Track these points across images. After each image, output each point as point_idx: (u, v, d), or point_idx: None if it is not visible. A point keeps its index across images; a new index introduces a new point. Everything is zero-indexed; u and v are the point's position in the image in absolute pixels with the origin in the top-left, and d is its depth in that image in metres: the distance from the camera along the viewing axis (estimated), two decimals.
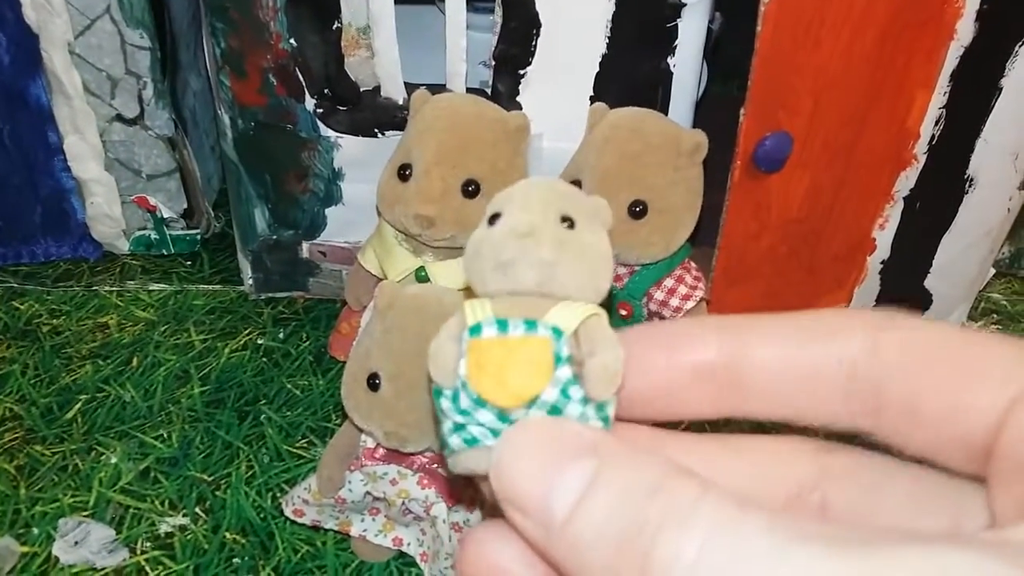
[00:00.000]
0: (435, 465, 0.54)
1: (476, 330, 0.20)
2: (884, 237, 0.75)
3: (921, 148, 0.70)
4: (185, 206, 0.86)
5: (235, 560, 0.60)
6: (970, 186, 0.71)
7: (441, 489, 0.54)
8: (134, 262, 0.87)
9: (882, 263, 0.76)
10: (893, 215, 0.73)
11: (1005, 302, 0.83)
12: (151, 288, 0.84)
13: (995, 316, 0.81)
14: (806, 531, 0.14)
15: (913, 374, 0.16)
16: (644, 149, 0.58)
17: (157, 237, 0.86)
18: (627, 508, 0.15)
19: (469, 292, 0.22)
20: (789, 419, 0.19)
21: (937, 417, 0.16)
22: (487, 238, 0.21)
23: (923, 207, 0.73)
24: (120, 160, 0.81)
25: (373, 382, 0.50)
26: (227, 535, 0.61)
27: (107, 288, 0.83)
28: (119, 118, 0.79)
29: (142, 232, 0.86)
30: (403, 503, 0.54)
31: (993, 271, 0.80)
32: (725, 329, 0.19)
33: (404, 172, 0.60)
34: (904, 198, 0.72)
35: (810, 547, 0.13)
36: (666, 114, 0.66)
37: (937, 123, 0.68)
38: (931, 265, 0.76)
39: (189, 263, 0.87)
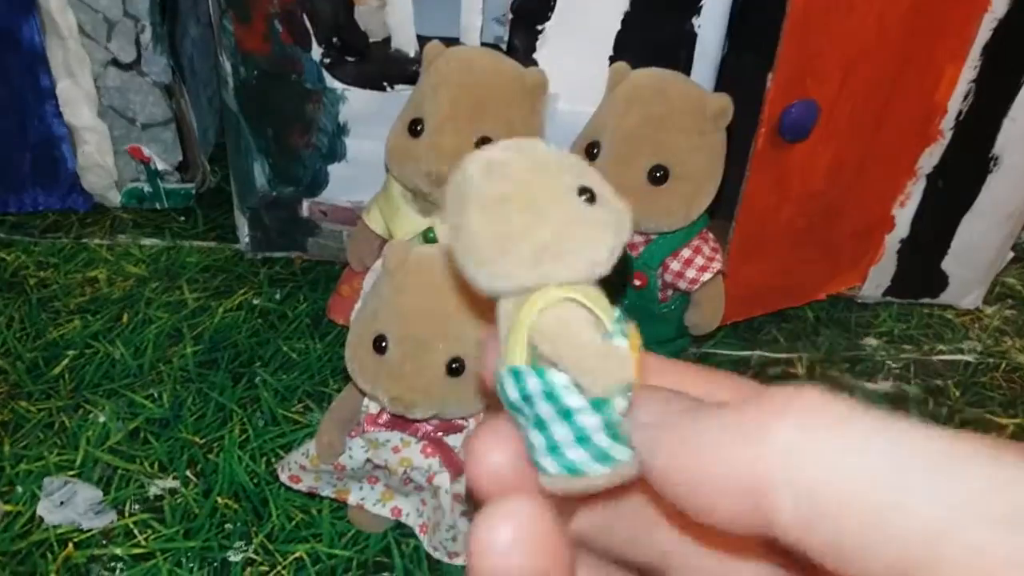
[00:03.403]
0: (440, 433, 0.52)
1: None
2: (904, 215, 0.73)
3: (948, 124, 0.67)
4: (180, 158, 0.83)
5: (227, 526, 0.57)
6: (994, 165, 0.69)
7: (445, 459, 0.51)
8: (125, 215, 0.84)
9: (900, 242, 0.74)
10: (915, 193, 0.71)
11: (1021, 287, 0.81)
12: (143, 243, 0.81)
13: (1010, 301, 0.80)
14: None
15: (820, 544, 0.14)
16: (668, 112, 0.55)
17: (150, 190, 0.83)
18: None
19: None
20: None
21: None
22: None
23: (946, 185, 0.70)
24: (114, 107, 0.78)
25: (380, 345, 0.47)
26: (219, 500, 0.59)
27: (97, 241, 0.80)
28: (115, 62, 0.75)
29: (135, 184, 0.83)
30: (405, 472, 0.52)
31: (1011, 255, 0.78)
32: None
33: (415, 127, 0.57)
34: (927, 175, 0.70)
35: None
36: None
37: (966, 98, 0.66)
38: (949, 246, 0.74)
39: (183, 218, 0.84)
